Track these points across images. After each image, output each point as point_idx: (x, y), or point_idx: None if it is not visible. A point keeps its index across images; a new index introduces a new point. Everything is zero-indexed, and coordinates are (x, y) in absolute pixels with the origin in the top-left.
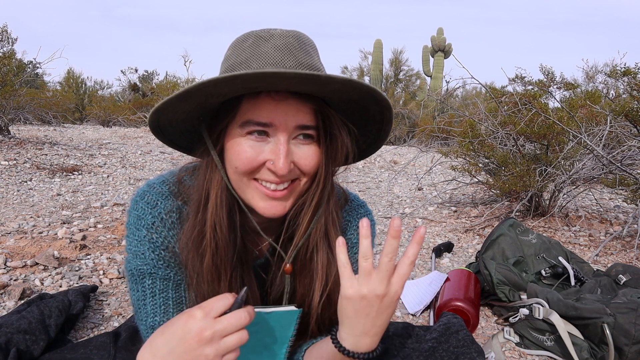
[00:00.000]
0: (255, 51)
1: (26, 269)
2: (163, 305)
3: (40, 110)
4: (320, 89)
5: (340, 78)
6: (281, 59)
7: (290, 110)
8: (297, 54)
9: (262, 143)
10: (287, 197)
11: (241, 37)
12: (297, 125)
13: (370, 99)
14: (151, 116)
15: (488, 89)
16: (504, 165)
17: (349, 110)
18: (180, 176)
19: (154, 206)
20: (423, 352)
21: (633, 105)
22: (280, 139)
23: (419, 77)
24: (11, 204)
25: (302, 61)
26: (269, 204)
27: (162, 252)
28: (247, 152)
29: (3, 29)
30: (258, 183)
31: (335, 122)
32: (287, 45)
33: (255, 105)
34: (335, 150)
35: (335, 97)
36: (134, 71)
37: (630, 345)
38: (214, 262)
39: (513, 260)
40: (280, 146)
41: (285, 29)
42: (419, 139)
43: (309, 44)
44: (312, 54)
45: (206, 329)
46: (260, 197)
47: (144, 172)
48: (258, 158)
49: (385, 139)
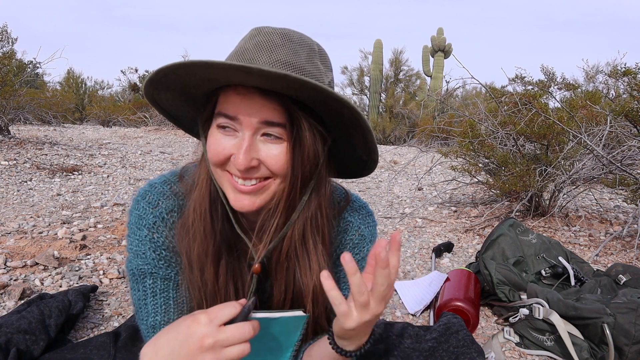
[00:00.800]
0: (240, 48)
1: (26, 269)
2: (164, 305)
3: (40, 110)
4: (262, 82)
5: (274, 72)
6: (256, 55)
7: (254, 105)
8: (277, 51)
9: (231, 137)
10: (258, 193)
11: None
12: (261, 120)
13: (335, 101)
14: (147, 97)
15: (488, 89)
16: (504, 165)
17: (326, 113)
18: (181, 175)
19: (155, 206)
20: (423, 352)
21: (633, 105)
22: (245, 133)
23: (419, 77)
24: (11, 204)
25: (280, 59)
26: (238, 197)
27: (163, 251)
28: (215, 145)
29: (3, 29)
30: (230, 175)
31: (300, 120)
32: (267, 42)
33: (225, 98)
34: (304, 151)
35: (300, 97)
36: (134, 71)
37: (630, 345)
38: (203, 249)
39: (513, 260)
40: (242, 141)
41: (278, 27)
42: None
43: (300, 42)
44: (299, 53)
45: (208, 337)
46: (231, 189)
47: (144, 172)
48: (224, 151)
49: (372, 146)
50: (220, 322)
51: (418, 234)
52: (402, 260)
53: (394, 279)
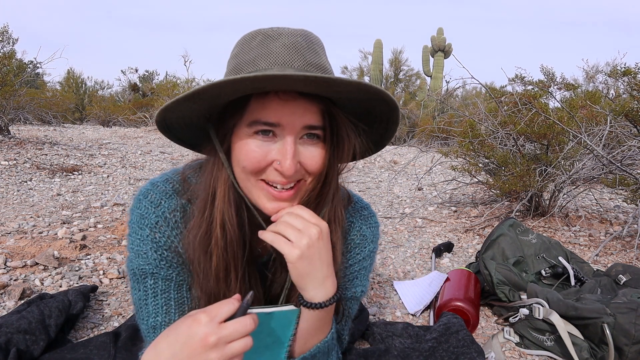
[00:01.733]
0: (263, 50)
1: (26, 269)
2: (165, 306)
3: (40, 110)
4: (328, 90)
5: (349, 81)
6: (289, 58)
7: (297, 110)
8: (305, 53)
9: (270, 143)
10: (294, 197)
11: (249, 35)
12: (304, 125)
13: (378, 100)
14: (159, 114)
15: (488, 89)
16: (504, 165)
17: (355, 109)
18: (184, 174)
19: (157, 205)
20: (423, 352)
21: (633, 105)
22: (287, 139)
23: (419, 77)
24: (11, 204)
25: (310, 61)
26: (276, 205)
27: (165, 252)
28: (254, 152)
29: (4, 29)
30: (265, 184)
31: (342, 122)
32: (295, 44)
33: (263, 105)
34: (342, 150)
35: (343, 98)
36: (134, 71)
37: (630, 345)
38: (224, 260)
39: (513, 260)
40: (287, 146)
41: (293, 28)
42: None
43: (317, 43)
44: (320, 54)
45: (211, 335)
46: (267, 198)
47: (144, 172)
48: (266, 158)
49: (390, 138)
50: (220, 320)
51: (418, 234)
52: (402, 260)
53: (292, 216)
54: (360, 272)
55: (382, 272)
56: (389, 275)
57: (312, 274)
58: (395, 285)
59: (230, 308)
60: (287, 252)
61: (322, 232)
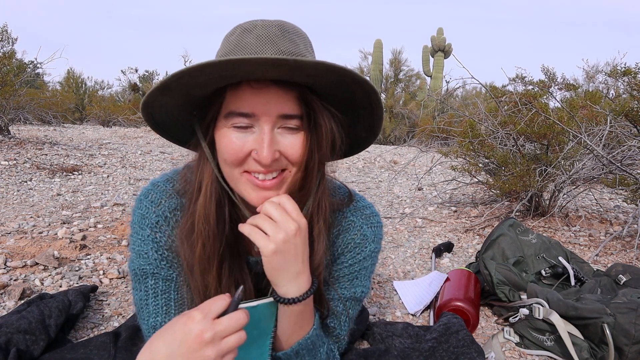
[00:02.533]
0: (239, 42)
1: (26, 269)
2: (165, 306)
3: (40, 110)
4: (294, 73)
5: (310, 61)
6: (261, 48)
7: (271, 98)
8: (279, 42)
9: (247, 133)
10: (278, 186)
11: (230, 31)
12: (279, 114)
13: (350, 81)
14: (142, 112)
15: (488, 88)
16: (504, 165)
17: (337, 97)
18: (183, 173)
19: (157, 205)
20: (423, 352)
21: (633, 105)
22: (263, 128)
23: (419, 77)
24: (11, 204)
25: (284, 49)
26: (260, 195)
27: (165, 252)
28: (233, 144)
29: (3, 29)
30: (249, 174)
31: (319, 109)
32: (268, 34)
33: (236, 95)
34: (321, 138)
35: (317, 83)
36: (134, 71)
37: (630, 345)
38: (206, 254)
39: (513, 260)
40: (264, 135)
41: (269, 20)
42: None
43: (295, 32)
44: (297, 42)
45: (206, 331)
46: (252, 187)
47: (144, 172)
48: (243, 149)
49: (379, 124)
50: (213, 316)
51: (418, 234)
52: (402, 260)
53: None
54: (361, 272)
55: (382, 272)
56: (389, 275)
57: (286, 269)
58: (395, 285)
59: (222, 304)
60: (262, 245)
61: (300, 229)
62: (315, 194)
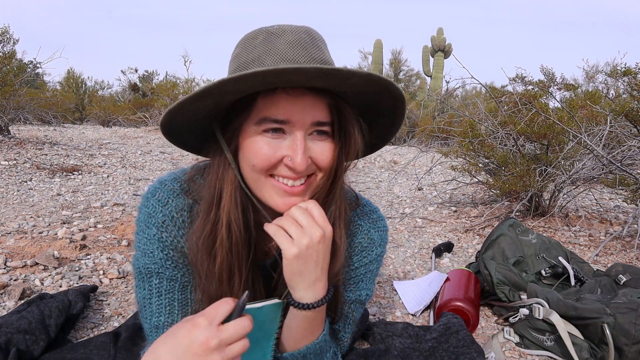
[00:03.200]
0: (268, 47)
1: (26, 269)
2: (168, 306)
3: (40, 110)
4: (337, 83)
5: (360, 72)
6: (294, 55)
7: (306, 106)
8: (310, 49)
9: (279, 140)
10: (305, 192)
11: (251, 34)
12: (313, 121)
13: (385, 92)
14: (165, 117)
15: (488, 88)
16: (504, 165)
17: (361, 103)
18: (192, 174)
19: (165, 204)
20: (423, 352)
21: (633, 105)
22: (297, 135)
23: (419, 77)
24: (11, 204)
25: (314, 56)
26: (287, 200)
27: (171, 251)
28: (264, 149)
29: (4, 29)
30: (275, 180)
31: (349, 117)
32: (299, 41)
33: (271, 102)
34: (349, 145)
35: (349, 93)
36: (134, 71)
37: (630, 345)
38: (228, 262)
39: (513, 260)
40: (298, 142)
41: (295, 25)
42: (419, 139)
43: (320, 39)
44: (323, 49)
45: (213, 338)
46: (278, 193)
47: (144, 172)
48: (275, 155)
49: (396, 132)
50: (218, 322)
51: (418, 234)
52: (402, 260)
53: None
54: (366, 276)
55: (382, 272)
56: (389, 275)
57: (305, 274)
58: (395, 285)
59: (227, 308)
60: (285, 247)
61: (324, 236)
62: (338, 202)
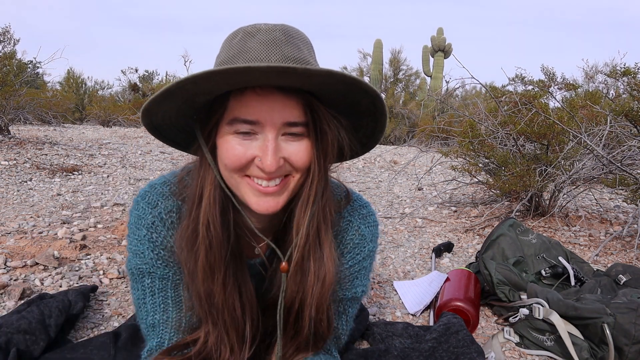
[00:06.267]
0: (242, 47)
1: (26, 269)
2: (162, 304)
3: (40, 110)
4: (302, 82)
5: (319, 70)
6: (266, 53)
7: (276, 105)
8: (284, 47)
9: (250, 140)
10: (280, 192)
11: (231, 34)
12: (284, 122)
13: (357, 90)
14: (142, 117)
15: (488, 88)
16: (504, 165)
17: (341, 103)
18: (181, 176)
19: (154, 206)
20: (423, 352)
21: (633, 105)
22: (267, 135)
23: (419, 77)
24: (11, 204)
25: (288, 55)
26: (262, 200)
27: (162, 251)
28: (235, 150)
29: (5, 29)
30: (250, 179)
31: (324, 116)
32: (273, 39)
33: (240, 102)
34: (326, 145)
35: (322, 91)
36: (134, 71)
37: (630, 345)
38: (208, 260)
39: (513, 261)
40: (268, 143)
41: (273, 23)
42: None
43: (298, 37)
44: (301, 47)
45: None
46: (253, 193)
47: (144, 172)
48: (246, 155)
49: (382, 130)
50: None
51: (418, 234)
52: (402, 260)
53: None
54: (361, 272)
55: (382, 272)
56: (389, 275)
57: None
58: (395, 285)
59: None
60: None
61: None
62: (320, 201)
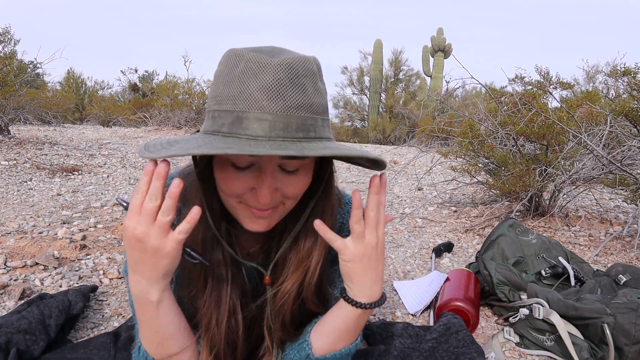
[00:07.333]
0: (242, 88)
1: (26, 269)
2: None
3: (40, 110)
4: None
5: (322, 153)
6: (267, 103)
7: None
8: (288, 93)
9: (247, 172)
10: (273, 215)
11: (233, 59)
12: (280, 160)
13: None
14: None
15: (488, 89)
16: (503, 165)
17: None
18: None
19: None
20: (423, 352)
21: (633, 105)
22: (264, 170)
23: (419, 77)
24: (11, 204)
25: (292, 103)
26: (255, 221)
27: None
28: (232, 181)
29: (6, 29)
30: (245, 205)
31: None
32: (275, 84)
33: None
34: (323, 173)
35: None
36: (134, 71)
37: (630, 345)
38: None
39: (513, 261)
40: (264, 177)
41: (278, 59)
42: (419, 139)
43: (305, 73)
44: (306, 87)
45: (137, 224)
46: (247, 215)
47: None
48: (243, 185)
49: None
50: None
51: (418, 234)
52: (402, 260)
53: (382, 207)
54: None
55: None
56: (389, 275)
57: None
58: (395, 285)
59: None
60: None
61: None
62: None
